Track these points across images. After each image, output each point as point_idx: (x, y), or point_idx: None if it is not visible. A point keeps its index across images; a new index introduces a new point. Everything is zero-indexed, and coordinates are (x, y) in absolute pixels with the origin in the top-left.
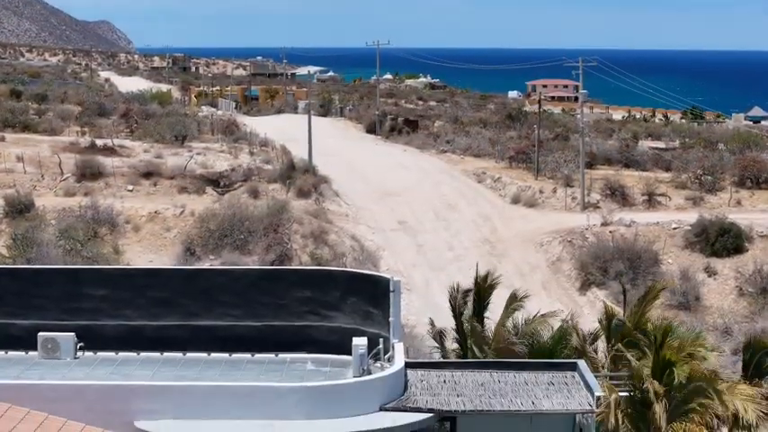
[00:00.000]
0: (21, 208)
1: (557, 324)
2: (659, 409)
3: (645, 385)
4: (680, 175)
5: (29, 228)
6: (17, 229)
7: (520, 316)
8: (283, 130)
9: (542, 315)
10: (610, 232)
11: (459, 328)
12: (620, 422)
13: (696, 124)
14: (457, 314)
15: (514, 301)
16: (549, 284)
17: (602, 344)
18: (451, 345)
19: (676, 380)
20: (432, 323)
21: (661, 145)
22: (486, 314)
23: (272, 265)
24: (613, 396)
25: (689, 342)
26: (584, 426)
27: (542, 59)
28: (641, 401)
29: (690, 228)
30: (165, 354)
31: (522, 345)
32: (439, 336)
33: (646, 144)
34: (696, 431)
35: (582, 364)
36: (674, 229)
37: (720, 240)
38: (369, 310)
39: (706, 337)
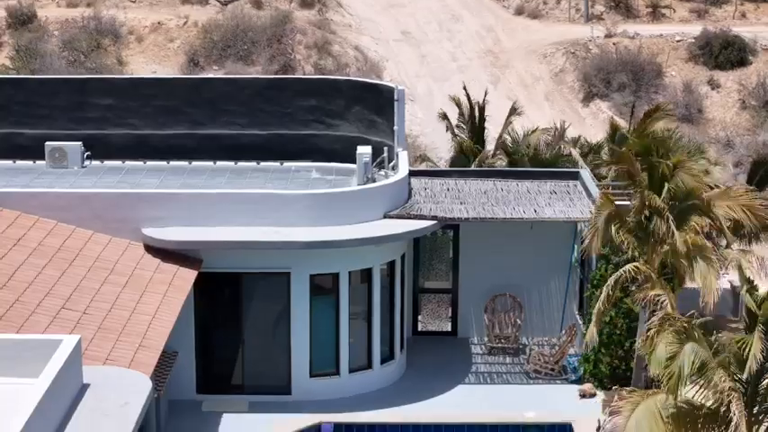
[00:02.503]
0: (23, 19)
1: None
2: (658, 221)
3: (647, 195)
4: None
5: (32, 39)
6: (20, 40)
7: (521, 127)
8: None
9: (544, 128)
10: (613, 44)
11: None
12: (618, 232)
13: None
14: (453, 132)
15: (513, 113)
16: (552, 96)
17: (605, 156)
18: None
19: (665, 193)
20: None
21: None
22: (487, 125)
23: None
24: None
25: (688, 154)
26: (585, 234)
27: None
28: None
29: (694, 40)
30: (172, 162)
31: (523, 156)
32: None
33: None
34: (697, 240)
35: (584, 173)
36: (678, 41)
37: (724, 53)
38: (373, 119)
39: (708, 150)
